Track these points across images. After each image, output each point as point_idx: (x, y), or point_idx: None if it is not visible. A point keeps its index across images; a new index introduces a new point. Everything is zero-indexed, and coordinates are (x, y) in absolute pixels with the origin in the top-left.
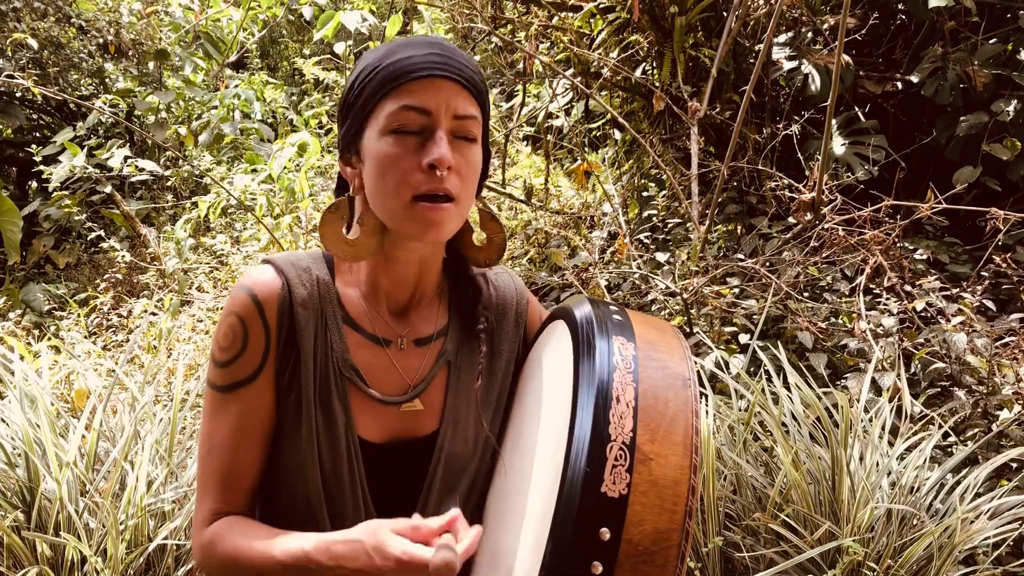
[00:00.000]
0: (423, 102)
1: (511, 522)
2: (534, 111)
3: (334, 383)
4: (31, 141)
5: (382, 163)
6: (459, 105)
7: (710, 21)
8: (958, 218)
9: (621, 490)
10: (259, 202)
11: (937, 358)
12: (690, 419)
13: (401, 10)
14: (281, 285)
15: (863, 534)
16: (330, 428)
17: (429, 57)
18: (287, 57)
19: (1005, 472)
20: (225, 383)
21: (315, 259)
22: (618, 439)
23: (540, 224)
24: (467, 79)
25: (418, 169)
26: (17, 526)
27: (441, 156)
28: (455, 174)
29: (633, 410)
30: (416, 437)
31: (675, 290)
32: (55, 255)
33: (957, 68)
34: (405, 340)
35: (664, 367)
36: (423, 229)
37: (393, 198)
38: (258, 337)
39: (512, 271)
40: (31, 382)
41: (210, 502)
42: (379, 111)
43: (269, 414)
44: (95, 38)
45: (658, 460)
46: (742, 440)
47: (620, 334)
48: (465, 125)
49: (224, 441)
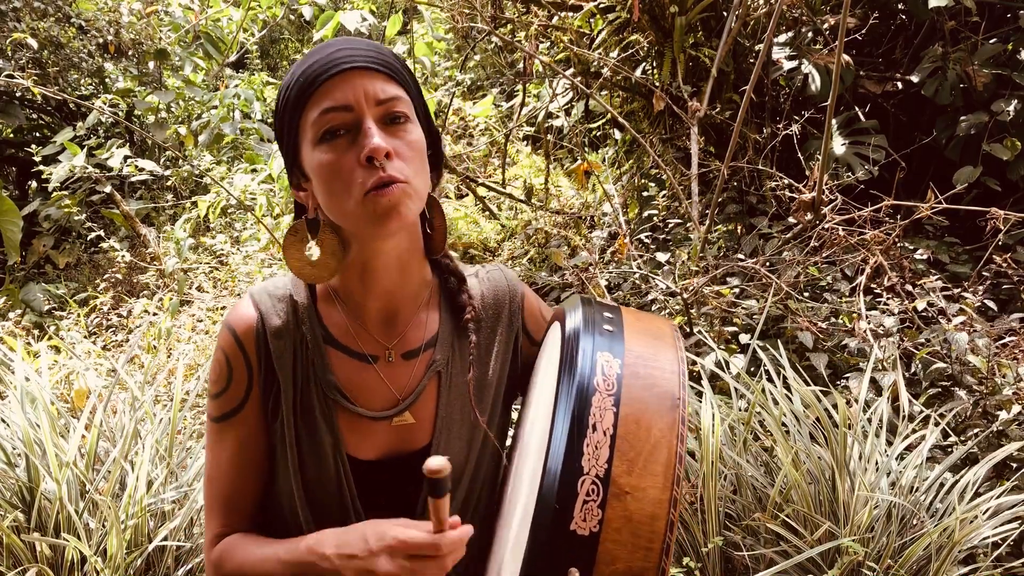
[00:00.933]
0: (340, 99)
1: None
2: (534, 111)
3: (318, 405)
4: (31, 141)
5: (323, 173)
6: (377, 90)
7: (710, 21)
8: (958, 218)
9: (592, 527)
10: (259, 202)
11: (938, 358)
12: (674, 446)
13: (401, 10)
14: (256, 317)
15: (863, 534)
16: (316, 450)
17: (333, 55)
18: (287, 57)
19: (1005, 472)
20: (218, 414)
21: (296, 283)
22: (591, 472)
23: (540, 224)
24: (378, 62)
25: (358, 167)
26: (17, 526)
27: (375, 146)
28: (396, 158)
29: (611, 439)
30: (409, 451)
31: (675, 290)
32: (55, 255)
33: (957, 68)
34: (393, 353)
35: (652, 386)
36: (383, 218)
37: (345, 202)
38: (240, 369)
39: (506, 268)
40: (31, 382)
41: (216, 525)
42: (304, 124)
43: (262, 440)
44: (95, 38)
45: (635, 494)
46: (742, 440)
47: (608, 348)
48: (390, 107)
49: (223, 468)
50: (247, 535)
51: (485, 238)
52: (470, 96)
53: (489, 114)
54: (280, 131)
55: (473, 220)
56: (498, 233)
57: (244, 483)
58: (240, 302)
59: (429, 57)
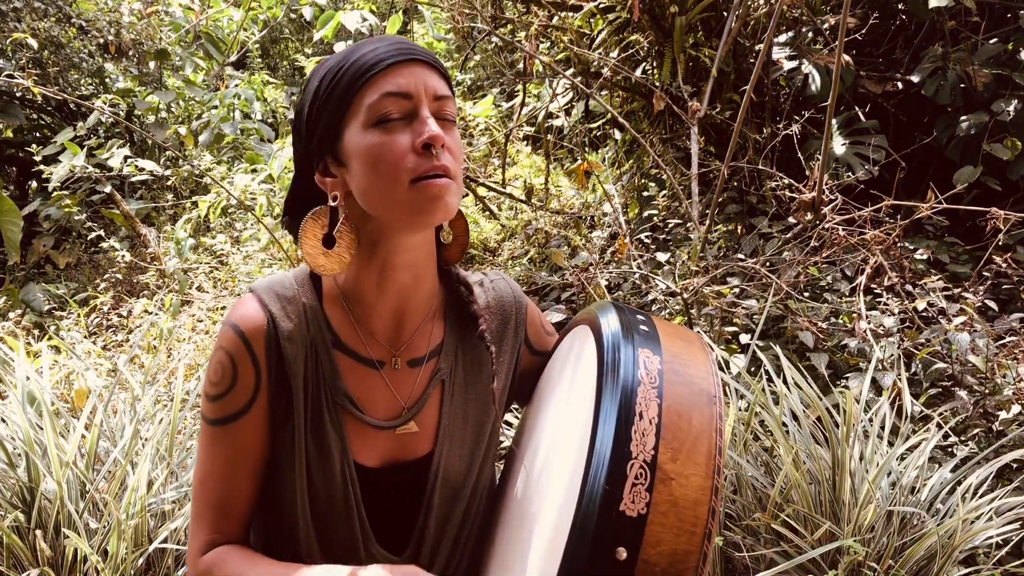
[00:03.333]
0: (402, 87)
1: (524, 535)
2: (534, 111)
3: (327, 411)
4: (31, 141)
5: (373, 155)
6: (436, 86)
7: (710, 21)
8: (958, 218)
9: (640, 509)
10: (259, 202)
11: (938, 358)
12: (714, 438)
13: (401, 10)
14: (266, 320)
15: (864, 534)
16: (324, 457)
17: (394, 46)
18: (287, 57)
19: (1006, 472)
20: (217, 417)
21: (301, 283)
22: (639, 457)
23: (540, 224)
24: (436, 62)
25: (412, 152)
26: (17, 526)
27: (434, 134)
28: (447, 152)
29: (656, 427)
30: (411, 459)
31: (675, 290)
32: (55, 255)
33: (957, 68)
34: (399, 360)
35: (690, 383)
36: (430, 208)
37: (391, 187)
38: (247, 372)
39: (508, 277)
40: (31, 382)
41: (205, 532)
42: (357, 107)
43: (262, 446)
44: (95, 38)
45: (679, 480)
46: (742, 440)
47: (646, 346)
48: (444, 106)
49: (217, 473)
50: (239, 550)
51: (485, 238)
52: (470, 96)
53: (489, 114)
54: (318, 112)
55: (473, 220)
56: (498, 233)
57: (239, 489)
58: (244, 301)
59: None
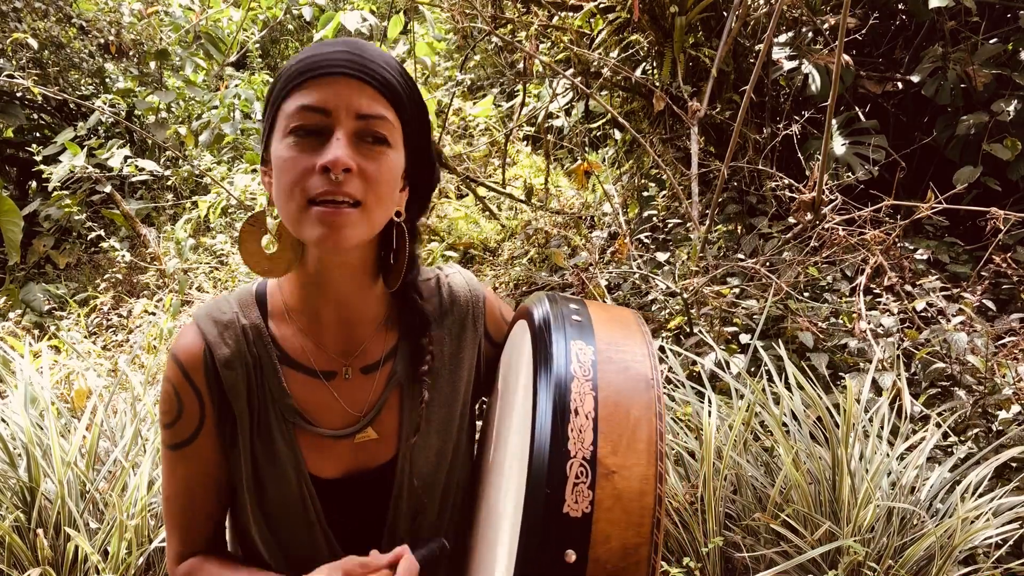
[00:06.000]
0: (320, 101)
1: (491, 536)
2: (534, 111)
3: (277, 428)
4: (31, 141)
5: (279, 167)
6: (362, 104)
7: (710, 21)
8: (958, 218)
9: (584, 508)
10: (259, 202)
11: (937, 358)
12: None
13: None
14: (202, 348)
15: (863, 534)
16: (278, 473)
17: (333, 55)
18: (287, 57)
19: (1005, 472)
20: (171, 443)
21: (244, 303)
22: (578, 455)
23: (540, 224)
24: (376, 77)
25: (314, 171)
26: (18, 526)
27: (336, 158)
28: (358, 178)
29: (593, 421)
30: (374, 466)
31: (675, 290)
32: (55, 255)
33: (957, 68)
34: (350, 370)
35: (625, 369)
36: (320, 234)
37: (288, 201)
38: (191, 401)
39: (463, 270)
40: (32, 382)
41: (175, 544)
42: (281, 113)
43: (216, 467)
44: (95, 38)
45: (621, 472)
46: (742, 440)
47: (579, 337)
48: (372, 126)
49: (178, 493)
50: (212, 558)
51: (485, 238)
52: (470, 96)
53: (489, 114)
54: (264, 109)
55: (473, 220)
56: (498, 233)
57: (200, 507)
58: (184, 330)
59: (430, 57)
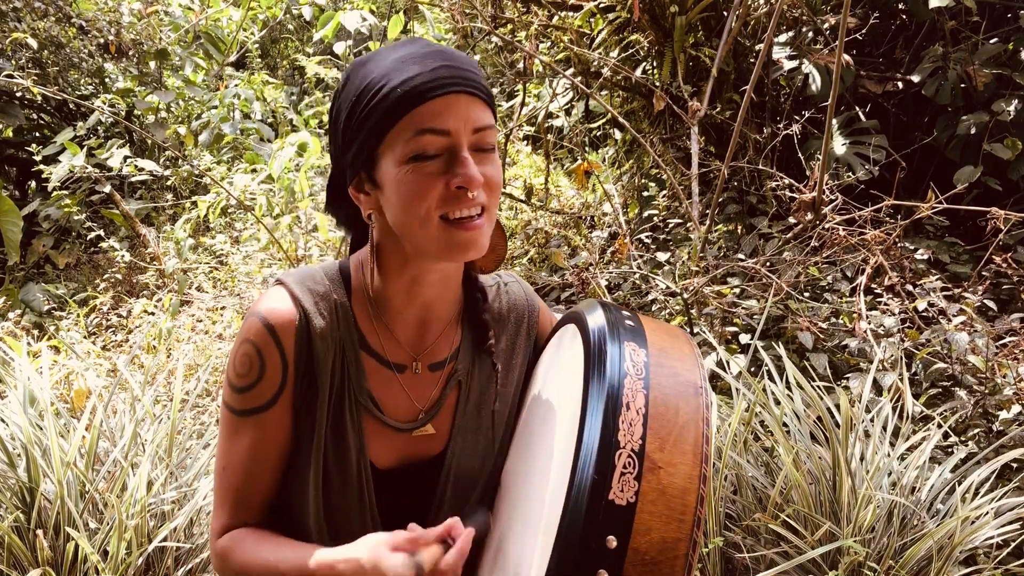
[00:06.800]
0: (442, 124)
1: (518, 527)
2: (534, 111)
3: (348, 411)
4: (31, 141)
5: (405, 192)
6: (477, 117)
7: (710, 21)
8: (958, 218)
9: (629, 498)
10: (259, 202)
11: (938, 358)
12: (701, 427)
13: (402, 10)
14: (298, 315)
15: (864, 534)
16: (342, 456)
17: (438, 72)
18: (287, 57)
19: (1006, 472)
20: (242, 408)
21: (332, 279)
22: (627, 446)
23: (540, 224)
24: (480, 88)
25: (446, 193)
26: (18, 526)
27: (472, 177)
28: (483, 188)
29: (643, 417)
30: (424, 459)
31: (675, 290)
32: (55, 255)
33: (958, 68)
34: (420, 365)
35: (676, 374)
36: (459, 250)
37: (423, 224)
38: (275, 366)
39: (522, 280)
40: (31, 382)
41: (224, 517)
42: (393, 138)
43: (285, 438)
44: (95, 38)
45: (667, 469)
46: (743, 440)
47: (632, 340)
48: (485, 136)
49: (239, 462)
50: (255, 533)
51: None
52: None
53: None
54: (354, 129)
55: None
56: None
57: (258, 479)
58: (274, 293)
59: None
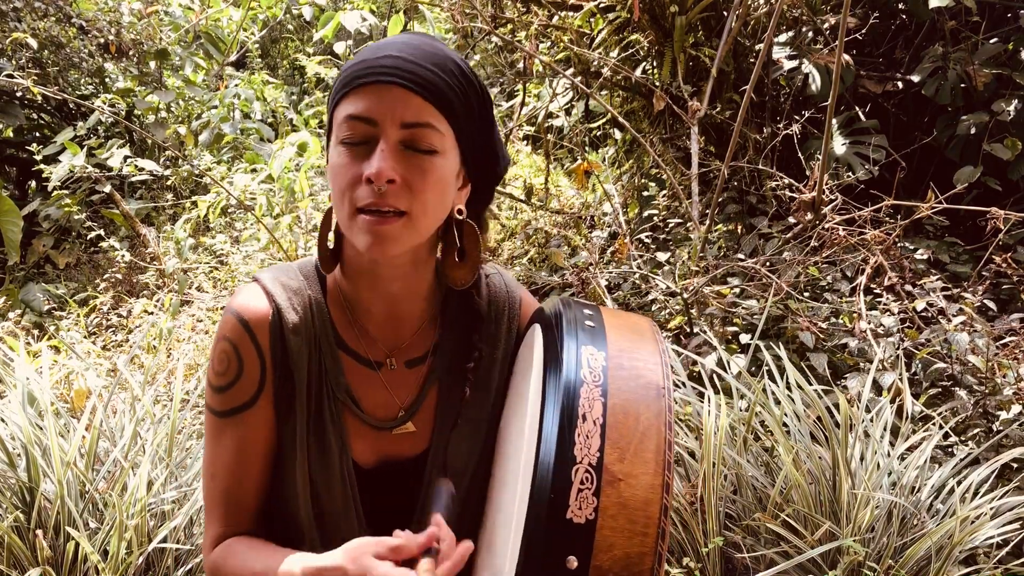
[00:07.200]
0: (365, 111)
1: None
2: (534, 111)
3: (328, 409)
4: (31, 141)
5: (332, 172)
6: (408, 113)
7: (710, 20)
8: (958, 218)
9: (588, 515)
10: (259, 202)
11: (938, 358)
12: (663, 433)
13: (402, 10)
14: (271, 310)
15: (863, 534)
16: (324, 454)
17: (380, 61)
18: (287, 57)
19: (1006, 472)
20: (224, 408)
21: (308, 276)
22: (584, 460)
23: (540, 224)
24: (421, 84)
25: (360, 181)
26: (18, 526)
27: (378, 170)
28: (404, 188)
29: (600, 428)
30: (407, 457)
31: (675, 290)
32: (55, 255)
33: (958, 68)
34: (395, 361)
35: (637, 376)
36: (366, 243)
37: (340, 208)
38: (253, 362)
39: (503, 270)
40: (31, 382)
41: (217, 525)
42: (335, 121)
43: (270, 437)
44: (95, 38)
45: (628, 481)
46: (742, 440)
47: (591, 343)
48: (418, 134)
49: (227, 466)
50: (247, 541)
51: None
52: None
53: None
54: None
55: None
56: (498, 233)
57: (248, 482)
58: (247, 289)
59: None
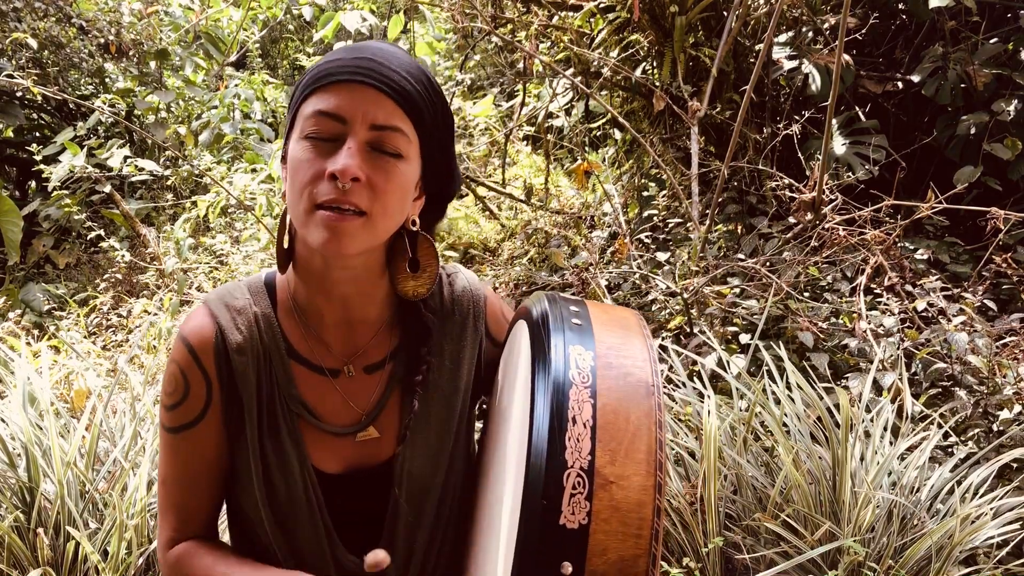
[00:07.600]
0: (336, 107)
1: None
2: (534, 111)
3: (283, 420)
4: (31, 141)
5: (293, 167)
6: (378, 115)
7: (710, 20)
8: (958, 218)
9: (581, 520)
10: (259, 202)
11: (938, 358)
12: (654, 432)
13: (402, 10)
14: (214, 332)
15: (864, 534)
16: (284, 464)
17: (356, 62)
18: (287, 57)
19: (1006, 472)
20: (172, 425)
21: (255, 291)
22: (575, 464)
23: (540, 224)
24: (395, 88)
25: (323, 177)
26: (18, 526)
27: (344, 167)
28: (367, 188)
29: (591, 430)
30: (375, 463)
31: (675, 290)
32: (55, 255)
33: (958, 68)
34: (353, 368)
35: (626, 375)
36: (323, 239)
37: (297, 203)
38: (198, 384)
39: (466, 270)
40: (31, 382)
41: (169, 529)
42: (300, 113)
43: (218, 453)
44: (95, 38)
45: (620, 483)
46: (742, 440)
47: (578, 342)
48: (385, 137)
49: (176, 478)
50: (207, 546)
51: (485, 238)
52: (470, 96)
53: (489, 114)
54: (288, 108)
55: (473, 220)
56: (498, 233)
57: (198, 492)
58: (194, 312)
59: (430, 57)
